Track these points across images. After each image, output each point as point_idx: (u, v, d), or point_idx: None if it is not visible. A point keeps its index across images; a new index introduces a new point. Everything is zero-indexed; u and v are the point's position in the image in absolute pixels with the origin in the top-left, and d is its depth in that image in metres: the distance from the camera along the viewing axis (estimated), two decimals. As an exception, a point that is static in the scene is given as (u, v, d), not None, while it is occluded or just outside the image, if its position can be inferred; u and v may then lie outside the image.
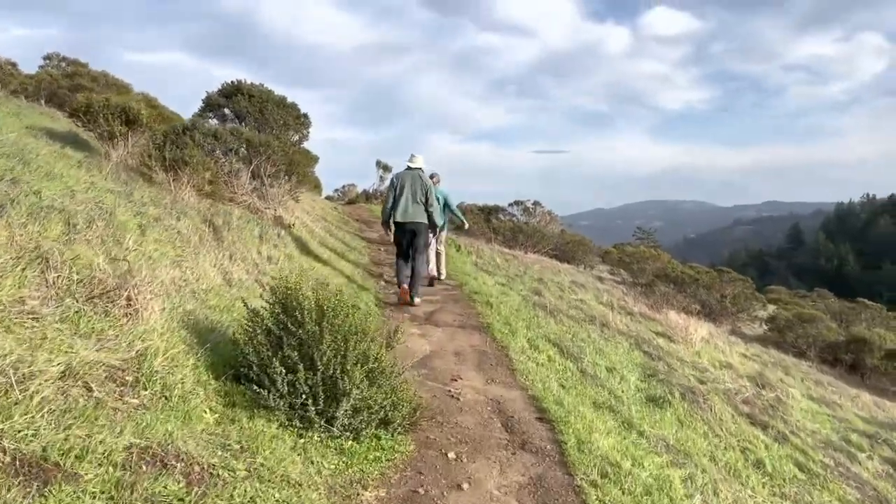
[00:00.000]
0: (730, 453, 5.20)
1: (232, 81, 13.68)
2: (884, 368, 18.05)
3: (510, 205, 29.06)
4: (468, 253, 14.15)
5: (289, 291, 3.56)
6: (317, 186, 35.05)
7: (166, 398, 3.06)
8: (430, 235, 8.36)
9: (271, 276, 6.14)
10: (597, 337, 8.19)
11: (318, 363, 3.37)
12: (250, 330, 3.54)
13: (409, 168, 7.88)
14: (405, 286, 7.79)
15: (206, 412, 3.19)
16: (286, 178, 9.76)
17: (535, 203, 29.09)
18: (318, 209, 17.16)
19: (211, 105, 13.52)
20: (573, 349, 6.72)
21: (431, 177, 8.92)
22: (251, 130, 13.01)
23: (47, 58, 20.13)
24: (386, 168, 39.13)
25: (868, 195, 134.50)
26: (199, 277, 4.77)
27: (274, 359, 3.34)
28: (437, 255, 9.74)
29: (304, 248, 8.45)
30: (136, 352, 3.12)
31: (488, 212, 29.07)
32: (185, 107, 14.91)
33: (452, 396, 4.46)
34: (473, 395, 4.55)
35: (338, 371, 3.37)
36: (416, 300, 7.80)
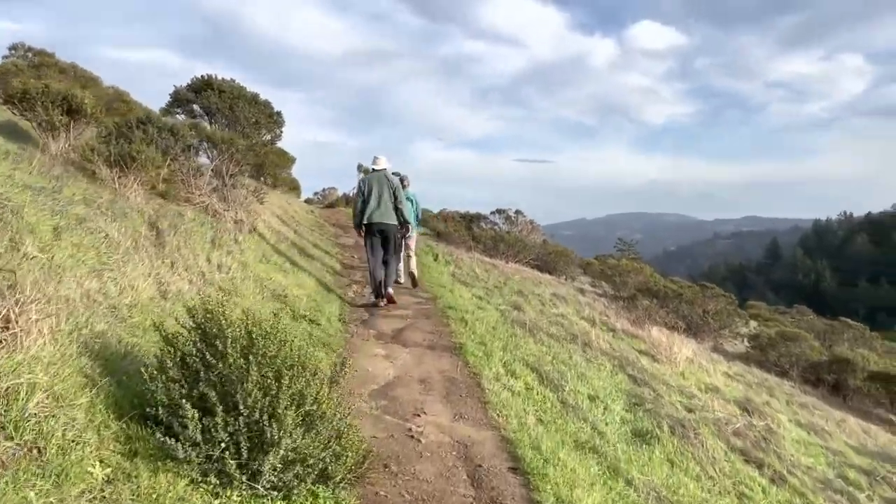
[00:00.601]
0: (726, 500, 4.63)
1: (202, 76, 13.02)
2: (867, 390, 17.71)
3: (492, 213, 28.50)
4: (446, 262, 13.54)
5: (209, 314, 2.90)
6: (294, 188, 34.27)
7: (39, 450, 2.41)
8: (407, 235, 8.73)
9: (219, 287, 5.49)
10: (579, 359, 7.62)
11: (242, 405, 2.73)
12: (160, 360, 2.89)
13: (374, 170, 8.12)
14: (389, 292, 7.94)
15: (94, 466, 2.52)
16: (256, 177, 9.10)
17: (518, 212, 28.58)
18: (291, 212, 16.47)
19: (179, 100, 12.83)
20: (553, 374, 6.13)
21: (401, 180, 8.84)
22: (220, 128, 12.33)
23: (13, 48, 19.22)
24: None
25: (845, 213, 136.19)
26: (123, 289, 4.10)
27: (185, 399, 2.69)
28: (408, 258, 9.67)
29: (266, 255, 7.78)
30: (4, 390, 2.46)
31: (470, 219, 28.49)
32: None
33: (413, 437, 3.83)
34: (437, 435, 3.92)
35: (266, 415, 2.73)
36: (390, 290, 7.97)
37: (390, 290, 8.00)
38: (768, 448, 6.83)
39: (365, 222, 7.83)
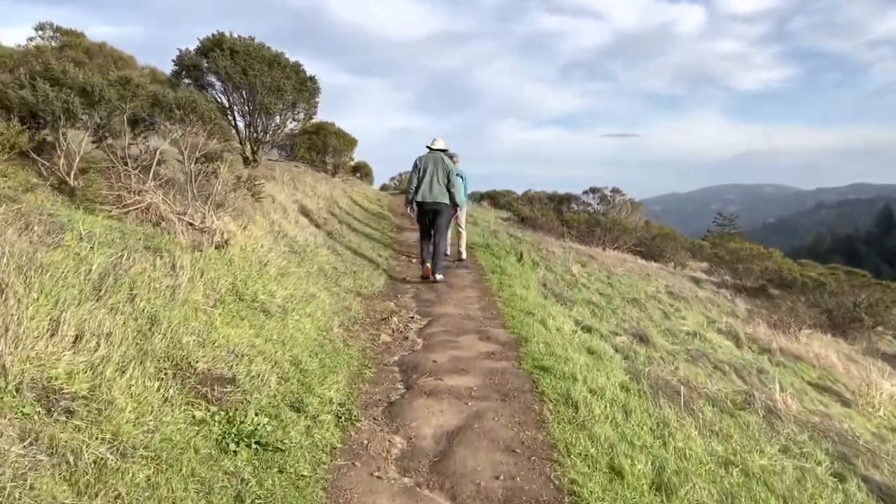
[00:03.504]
0: None
1: (213, 34, 10.13)
2: None
3: (584, 192, 24.74)
4: (534, 264, 10.18)
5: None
6: (367, 174, 31.71)
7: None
8: (460, 215, 8.94)
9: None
10: (772, 452, 4.21)
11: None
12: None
13: (430, 150, 8.18)
14: (428, 265, 7.99)
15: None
16: (309, 163, 6.10)
17: (615, 190, 24.70)
18: (344, 202, 13.54)
19: (185, 65, 10.02)
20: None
21: (451, 157, 8.58)
22: (240, 101, 9.48)
23: (39, 28, 17.32)
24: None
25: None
26: None
27: None
28: (459, 234, 9.76)
29: (236, 287, 4.72)
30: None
31: (559, 201, 24.85)
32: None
33: None
34: None
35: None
36: (439, 276, 8.01)
37: (439, 276, 8.01)
38: None
39: (418, 199, 7.95)
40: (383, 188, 32.62)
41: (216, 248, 5.01)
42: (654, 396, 4.60)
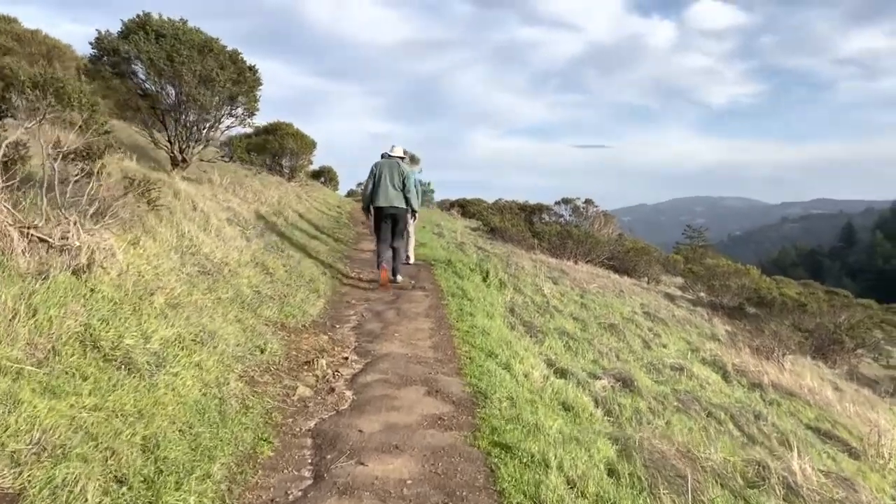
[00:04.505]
0: None
1: (138, 14, 8.82)
2: None
3: (556, 203, 23.73)
4: (500, 285, 9.02)
5: None
6: (332, 179, 30.34)
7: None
8: (410, 220, 8.66)
9: None
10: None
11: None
12: None
13: (388, 156, 8.14)
14: (386, 271, 7.89)
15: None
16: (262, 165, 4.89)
17: (588, 201, 23.74)
18: (291, 208, 12.24)
19: (105, 49, 8.69)
20: None
21: (412, 157, 9.13)
22: (161, 87, 8.22)
23: (-37, 10, 15.69)
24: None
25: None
26: None
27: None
28: (407, 238, 9.41)
29: (84, 336, 3.46)
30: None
31: (530, 211, 23.81)
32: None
33: None
34: None
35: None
36: (399, 278, 8.09)
37: (399, 277, 8.08)
38: None
39: (375, 205, 7.87)
40: (349, 194, 31.28)
41: (74, 273, 3.73)
42: (652, 483, 3.44)
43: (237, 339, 4.45)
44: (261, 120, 19.19)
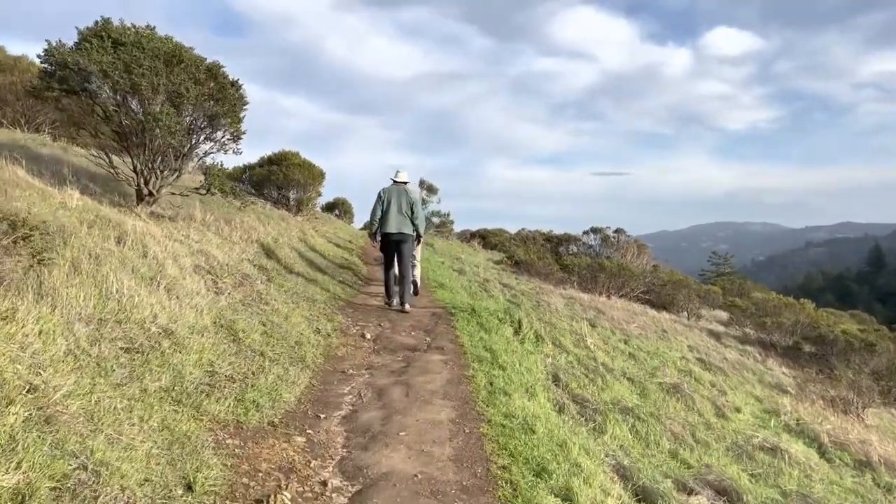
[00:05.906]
0: None
1: (96, 21, 7.39)
2: None
3: (585, 233, 22.04)
4: (537, 339, 7.31)
5: None
6: (347, 212, 28.95)
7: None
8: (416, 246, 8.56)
9: None
10: None
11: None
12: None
13: (394, 182, 8.14)
14: (394, 299, 8.17)
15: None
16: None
17: (619, 230, 22.02)
18: (303, 245, 10.67)
19: (57, 63, 7.26)
20: None
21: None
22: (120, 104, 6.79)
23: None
24: (431, 189, 32.71)
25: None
26: None
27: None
28: (413, 262, 8.79)
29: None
30: None
31: (556, 242, 22.11)
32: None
33: None
34: None
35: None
36: (407, 306, 8.06)
37: (407, 306, 8.04)
38: None
39: (383, 231, 7.97)
40: (365, 227, 29.92)
41: None
42: None
43: (147, 472, 2.80)
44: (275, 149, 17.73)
